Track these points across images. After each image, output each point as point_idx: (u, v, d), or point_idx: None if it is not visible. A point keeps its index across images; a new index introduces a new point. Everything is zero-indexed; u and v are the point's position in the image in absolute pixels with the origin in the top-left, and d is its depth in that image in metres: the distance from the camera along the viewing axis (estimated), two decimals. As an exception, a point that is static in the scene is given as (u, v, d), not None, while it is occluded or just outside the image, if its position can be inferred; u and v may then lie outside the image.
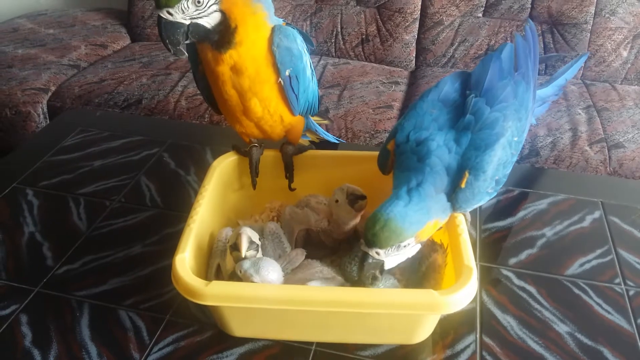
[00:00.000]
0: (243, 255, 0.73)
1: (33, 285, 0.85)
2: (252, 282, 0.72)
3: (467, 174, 0.72)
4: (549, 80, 0.95)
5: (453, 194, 0.73)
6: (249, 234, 0.75)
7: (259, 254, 0.76)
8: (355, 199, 0.81)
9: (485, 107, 0.74)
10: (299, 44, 0.83)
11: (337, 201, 0.83)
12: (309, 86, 0.88)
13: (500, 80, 0.77)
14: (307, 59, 0.86)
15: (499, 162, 0.74)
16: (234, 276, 0.74)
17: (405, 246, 0.70)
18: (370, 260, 0.71)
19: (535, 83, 0.84)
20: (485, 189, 0.74)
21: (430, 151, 0.72)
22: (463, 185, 0.72)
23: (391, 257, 0.71)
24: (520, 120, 0.77)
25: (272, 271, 0.72)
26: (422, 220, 0.70)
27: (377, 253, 0.70)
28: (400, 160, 0.75)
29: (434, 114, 0.76)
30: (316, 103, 0.94)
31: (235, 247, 0.74)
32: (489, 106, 0.75)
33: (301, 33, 0.85)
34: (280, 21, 0.82)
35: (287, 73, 0.81)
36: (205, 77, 0.84)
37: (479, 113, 0.74)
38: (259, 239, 0.77)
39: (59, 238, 0.94)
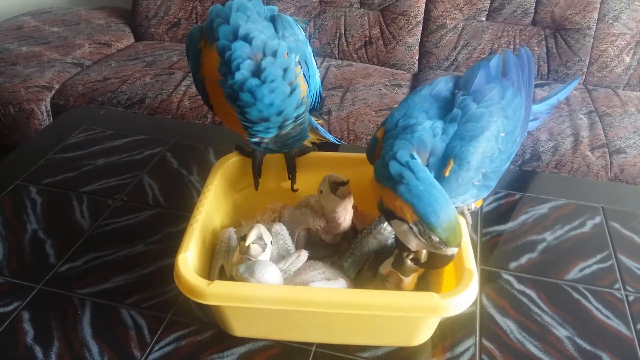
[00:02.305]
0: (246, 245, 0.73)
1: (35, 282, 0.85)
2: None
3: (451, 162, 0.73)
4: (541, 99, 0.97)
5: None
6: (261, 230, 0.75)
7: (265, 254, 0.75)
8: (336, 186, 0.81)
9: (472, 103, 0.76)
10: (300, 30, 0.83)
11: (321, 192, 0.83)
12: (315, 73, 0.88)
13: (487, 84, 0.79)
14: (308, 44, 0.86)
15: (484, 155, 0.75)
16: (235, 278, 0.74)
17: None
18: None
19: (530, 95, 0.86)
20: (470, 180, 0.75)
21: (414, 132, 0.73)
22: (447, 174, 0.73)
23: None
24: (507, 118, 0.78)
25: (267, 273, 0.72)
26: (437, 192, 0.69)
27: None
28: (386, 145, 0.75)
29: (425, 107, 0.77)
30: (318, 96, 0.94)
31: (245, 238, 0.74)
32: (476, 103, 0.76)
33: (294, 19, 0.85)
34: (274, 9, 0.81)
35: (296, 59, 0.81)
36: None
37: (466, 108, 0.75)
38: (271, 242, 0.77)
39: (61, 236, 0.94)
